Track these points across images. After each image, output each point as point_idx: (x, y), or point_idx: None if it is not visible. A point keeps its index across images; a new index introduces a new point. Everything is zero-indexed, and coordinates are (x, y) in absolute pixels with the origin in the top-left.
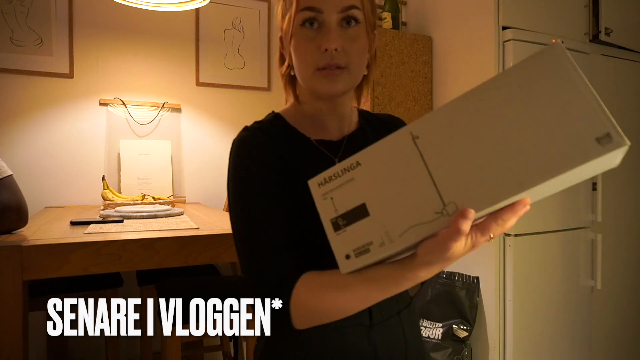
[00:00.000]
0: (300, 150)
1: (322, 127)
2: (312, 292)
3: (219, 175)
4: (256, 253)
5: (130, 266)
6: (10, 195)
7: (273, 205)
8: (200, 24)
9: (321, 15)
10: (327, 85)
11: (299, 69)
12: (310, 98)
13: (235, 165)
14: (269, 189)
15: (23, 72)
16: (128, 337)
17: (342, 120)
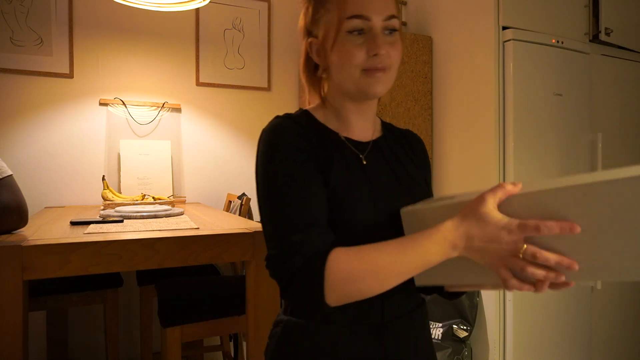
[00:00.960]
0: (329, 143)
1: (349, 126)
2: (349, 255)
3: (219, 175)
4: (291, 228)
5: (130, 266)
6: (10, 195)
7: (307, 185)
8: (200, 24)
9: (369, 22)
10: (374, 86)
11: (342, 71)
12: (341, 99)
13: (268, 148)
14: (302, 171)
15: (23, 72)
16: (128, 337)
17: (367, 123)
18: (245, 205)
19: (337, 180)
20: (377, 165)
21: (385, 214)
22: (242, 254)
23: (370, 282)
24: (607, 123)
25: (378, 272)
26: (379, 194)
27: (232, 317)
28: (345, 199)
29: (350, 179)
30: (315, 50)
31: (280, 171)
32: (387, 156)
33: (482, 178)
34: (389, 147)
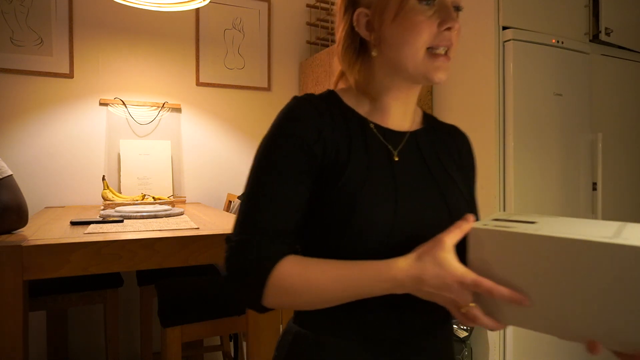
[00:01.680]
0: (353, 132)
1: (385, 114)
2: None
3: (219, 175)
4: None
5: (130, 266)
6: (10, 195)
7: (289, 185)
8: (200, 24)
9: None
10: (437, 72)
11: (403, 48)
12: (387, 81)
13: (271, 132)
14: (292, 168)
15: (23, 72)
16: (128, 337)
17: (406, 113)
18: None
19: (352, 177)
20: (410, 162)
21: (410, 220)
22: None
23: (308, 299)
24: (607, 123)
25: (318, 293)
26: (405, 196)
27: (232, 317)
28: (359, 199)
29: (370, 175)
30: (365, 23)
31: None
32: (425, 152)
33: (482, 178)
34: (429, 142)
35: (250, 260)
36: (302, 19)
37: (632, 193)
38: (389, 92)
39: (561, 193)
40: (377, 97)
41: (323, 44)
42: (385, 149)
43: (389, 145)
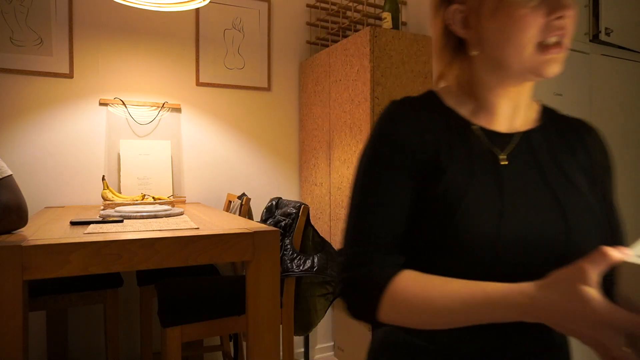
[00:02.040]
0: (454, 135)
1: (491, 113)
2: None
3: (219, 175)
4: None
5: (130, 266)
6: (10, 195)
7: (396, 193)
8: (200, 24)
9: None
10: (550, 66)
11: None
12: (491, 78)
13: (372, 138)
14: (397, 175)
15: (23, 72)
16: (128, 337)
17: (517, 111)
18: (245, 205)
19: (453, 184)
20: (520, 167)
21: (517, 233)
22: (242, 254)
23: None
24: (607, 123)
25: (436, 314)
26: (512, 205)
27: (232, 317)
28: (459, 209)
29: (472, 182)
30: (461, 20)
31: (373, 168)
32: (540, 155)
33: None
34: (545, 143)
35: (365, 273)
36: (302, 19)
37: (632, 193)
38: (494, 91)
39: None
40: (480, 97)
41: (323, 44)
42: (490, 153)
43: (495, 149)
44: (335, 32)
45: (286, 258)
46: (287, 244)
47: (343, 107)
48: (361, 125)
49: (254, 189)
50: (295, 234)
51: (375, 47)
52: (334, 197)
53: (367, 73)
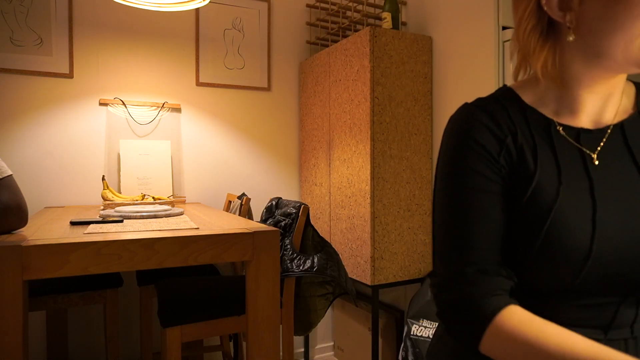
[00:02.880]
0: (537, 137)
1: (576, 109)
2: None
3: (218, 175)
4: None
5: (130, 266)
6: (10, 195)
7: (487, 205)
8: (200, 24)
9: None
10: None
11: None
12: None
13: (447, 149)
14: (487, 186)
15: (23, 72)
16: (128, 337)
17: (607, 103)
18: (245, 205)
19: (541, 192)
20: (615, 164)
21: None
22: (242, 254)
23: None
24: None
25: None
26: (606, 211)
27: (232, 317)
28: (548, 217)
29: (561, 188)
30: (557, 3)
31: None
32: (636, 148)
33: None
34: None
35: (468, 297)
36: (302, 19)
37: None
38: (583, 83)
39: None
40: (567, 90)
41: (323, 44)
42: (579, 153)
43: (584, 148)
44: (335, 32)
45: (286, 258)
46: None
47: (343, 107)
48: (361, 125)
49: (254, 189)
50: (295, 234)
51: (375, 47)
52: (334, 197)
53: (367, 73)
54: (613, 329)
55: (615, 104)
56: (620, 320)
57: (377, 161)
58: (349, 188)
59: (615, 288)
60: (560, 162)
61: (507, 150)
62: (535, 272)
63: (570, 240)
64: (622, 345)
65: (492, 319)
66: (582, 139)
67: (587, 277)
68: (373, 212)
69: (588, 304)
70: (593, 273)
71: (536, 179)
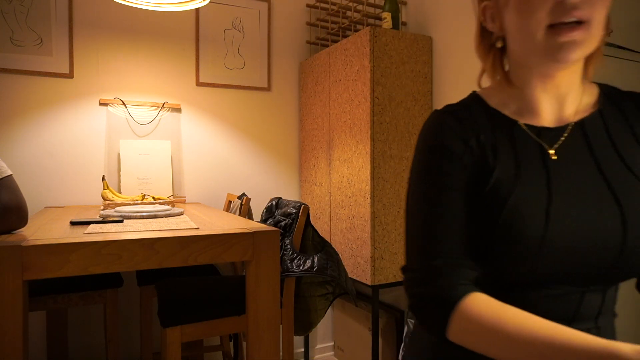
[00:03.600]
0: (499, 136)
1: (534, 109)
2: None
3: (218, 175)
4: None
5: (130, 266)
6: (10, 195)
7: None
8: (200, 24)
9: None
10: (564, 48)
11: (521, 33)
12: (523, 73)
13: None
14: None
15: (23, 72)
16: (128, 337)
17: (561, 102)
18: (245, 205)
19: (499, 184)
20: (572, 159)
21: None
22: (242, 254)
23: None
24: None
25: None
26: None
27: (232, 317)
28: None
29: (519, 180)
30: (490, 16)
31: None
32: (596, 144)
33: None
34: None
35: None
36: (302, 19)
37: None
38: (532, 84)
39: None
40: (521, 93)
41: (323, 44)
42: (538, 149)
43: (544, 143)
44: (335, 32)
45: (286, 258)
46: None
47: (343, 107)
48: (361, 125)
49: (254, 189)
50: (295, 234)
51: (375, 47)
52: (334, 197)
53: (367, 73)
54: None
55: (574, 102)
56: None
57: (377, 161)
58: (349, 188)
59: (576, 278)
60: (519, 158)
61: (470, 150)
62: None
63: (524, 230)
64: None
65: (456, 306)
66: (542, 136)
67: (546, 266)
68: (373, 212)
69: (552, 294)
70: (551, 262)
71: (495, 175)
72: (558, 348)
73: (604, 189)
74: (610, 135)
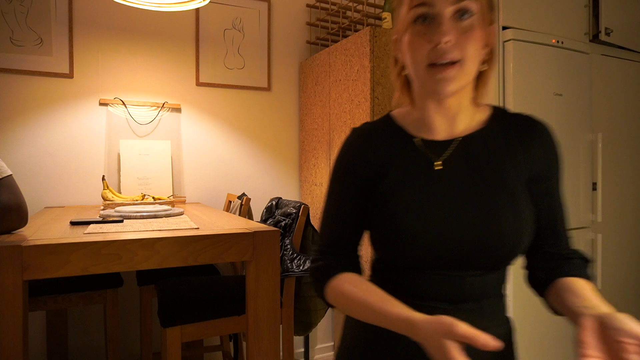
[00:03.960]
0: (400, 150)
1: (429, 126)
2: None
3: (219, 175)
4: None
5: (130, 266)
6: (10, 196)
7: (346, 206)
8: (200, 24)
9: (433, 9)
10: (440, 83)
11: (411, 67)
12: (422, 97)
13: (334, 163)
14: (346, 192)
15: (23, 72)
16: (128, 337)
17: (452, 120)
18: (245, 205)
19: (387, 188)
20: (455, 169)
21: (438, 231)
22: (242, 254)
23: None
24: (607, 123)
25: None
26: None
27: (232, 317)
28: (386, 209)
29: (403, 186)
30: (396, 48)
31: (331, 187)
32: (477, 157)
33: None
34: (485, 145)
35: (321, 267)
36: (302, 19)
37: (632, 193)
38: (427, 105)
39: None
40: (420, 113)
41: (323, 44)
42: (427, 160)
43: (432, 156)
44: (335, 32)
45: (286, 258)
46: (287, 244)
47: (343, 107)
48: None
49: (254, 189)
50: (295, 234)
51: (375, 47)
52: None
53: (367, 73)
54: (462, 301)
55: (464, 121)
56: (468, 293)
57: None
58: None
59: (452, 264)
60: (409, 168)
61: (367, 164)
62: (389, 249)
63: (400, 225)
64: (466, 315)
65: (328, 280)
66: (432, 148)
67: (423, 254)
68: None
69: (436, 278)
70: (426, 251)
71: (388, 178)
72: (378, 312)
73: (476, 197)
74: (489, 149)
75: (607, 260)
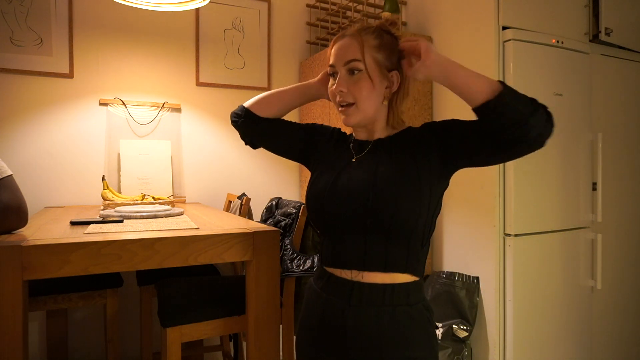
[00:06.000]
0: (339, 145)
1: (359, 133)
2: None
3: (219, 175)
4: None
5: (130, 266)
6: (10, 196)
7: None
8: (200, 24)
9: (335, 69)
10: (344, 118)
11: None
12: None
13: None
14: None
15: (23, 72)
16: (128, 337)
17: (369, 131)
18: (245, 205)
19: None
20: (365, 159)
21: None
22: (242, 254)
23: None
24: (607, 123)
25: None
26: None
27: (232, 317)
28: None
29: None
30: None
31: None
32: (382, 150)
33: (483, 177)
34: (389, 144)
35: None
36: (302, 19)
37: (632, 193)
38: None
39: (561, 193)
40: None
41: (323, 44)
42: (350, 155)
43: (354, 152)
44: (335, 32)
45: (286, 258)
46: (287, 244)
47: None
48: None
49: (254, 189)
50: (295, 234)
51: None
52: None
53: None
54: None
55: (380, 132)
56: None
57: None
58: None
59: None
60: (337, 158)
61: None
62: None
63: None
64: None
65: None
66: (356, 146)
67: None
68: None
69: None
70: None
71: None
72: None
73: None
74: (390, 147)
75: (607, 260)
